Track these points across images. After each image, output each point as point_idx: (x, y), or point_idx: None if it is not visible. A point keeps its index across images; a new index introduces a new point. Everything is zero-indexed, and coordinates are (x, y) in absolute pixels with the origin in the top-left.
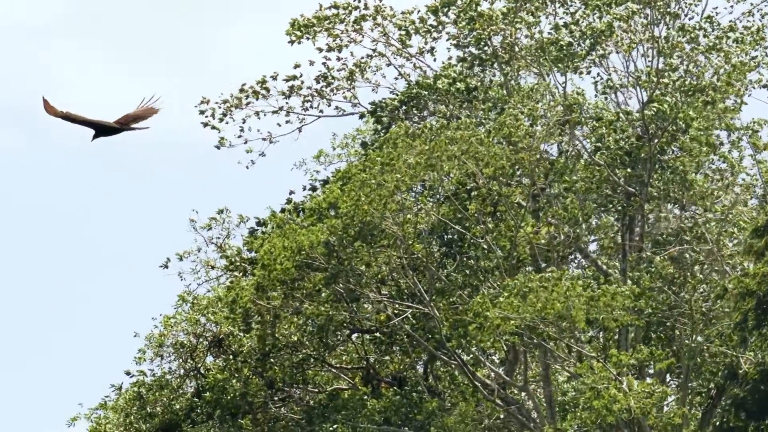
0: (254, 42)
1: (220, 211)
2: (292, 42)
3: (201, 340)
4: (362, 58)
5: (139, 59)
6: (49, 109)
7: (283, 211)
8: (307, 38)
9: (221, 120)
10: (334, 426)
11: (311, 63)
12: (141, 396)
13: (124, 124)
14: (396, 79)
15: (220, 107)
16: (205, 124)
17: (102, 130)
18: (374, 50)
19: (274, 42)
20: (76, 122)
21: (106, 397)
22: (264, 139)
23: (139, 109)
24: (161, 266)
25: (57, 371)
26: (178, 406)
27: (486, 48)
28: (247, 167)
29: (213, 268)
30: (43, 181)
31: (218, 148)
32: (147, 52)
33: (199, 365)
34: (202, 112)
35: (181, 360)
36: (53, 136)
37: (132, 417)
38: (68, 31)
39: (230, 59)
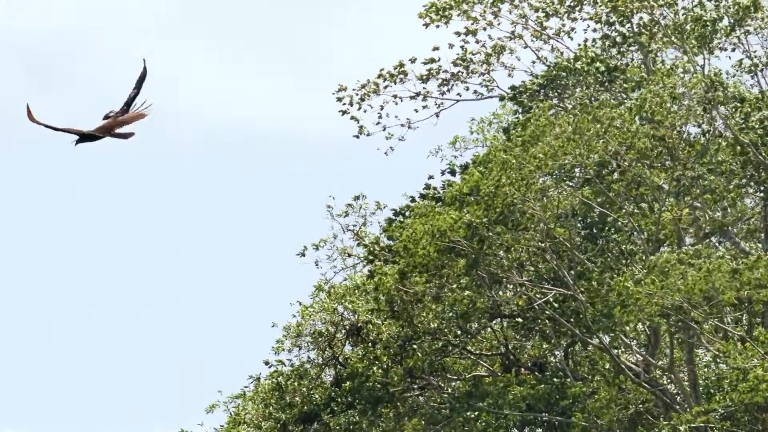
0: (380, 31)
1: (357, 198)
2: (426, 25)
3: (339, 328)
4: (500, 39)
5: (256, 59)
6: (30, 117)
7: (423, 197)
8: (443, 22)
9: (359, 107)
10: (477, 414)
11: (450, 46)
12: (280, 386)
13: (109, 130)
14: (533, 62)
15: (357, 93)
16: (344, 112)
17: (84, 136)
18: (512, 33)
19: (402, 29)
20: (58, 131)
21: (245, 387)
22: (402, 125)
23: (129, 114)
24: (298, 254)
25: (197, 360)
26: (317, 396)
27: (628, 26)
28: (386, 153)
29: (349, 255)
30: (169, 178)
31: (357, 137)
32: (263, 51)
33: (338, 354)
34: (339, 99)
35: (319, 349)
36: (181, 136)
37: (271, 407)
38: (179, 31)
39: (351, 52)
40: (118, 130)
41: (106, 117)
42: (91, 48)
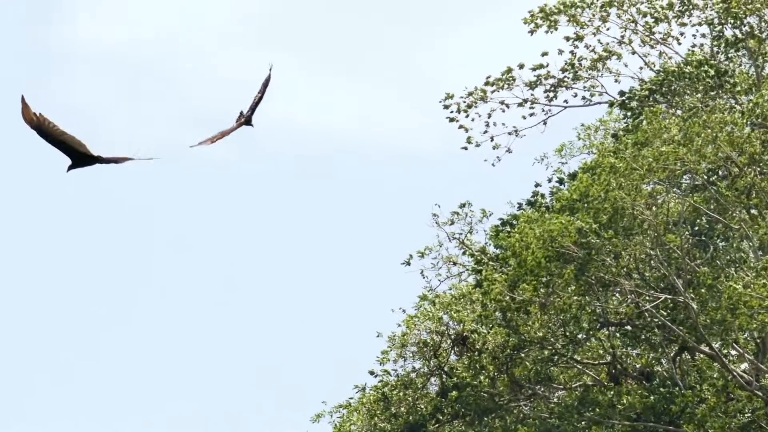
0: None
1: (462, 206)
2: (532, 32)
3: (444, 338)
4: (608, 44)
5: (347, 70)
6: (25, 113)
7: (530, 204)
8: (549, 28)
9: (466, 115)
10: (583, 423)
11: (560, 52)
12: (385, 396)
13: (98, 157)
14: (641, 68)
15: (464, 101)
16: (451, 119)
17: (76, 157)
18: (622, 37)
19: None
20: (49, 137)
21: (350, 398)
22: (510, 134)
23: (121, 155)
24: (403, 263)
25: (302, 369)
26: (422, 407)
27: (741, 27)
28: (493, 165)
29: (455, 264)
30: (266, 190)
31: (465, 149)
32: (354, 62)
33: (443, 364)
34: (446, 107)
35: (424, 359)
36: (267, 148)
37: (376, 418)
38: (270, 43)
39: (445, 63)
40: (109, 156)
41: (239, 118)
42: (180, 60)
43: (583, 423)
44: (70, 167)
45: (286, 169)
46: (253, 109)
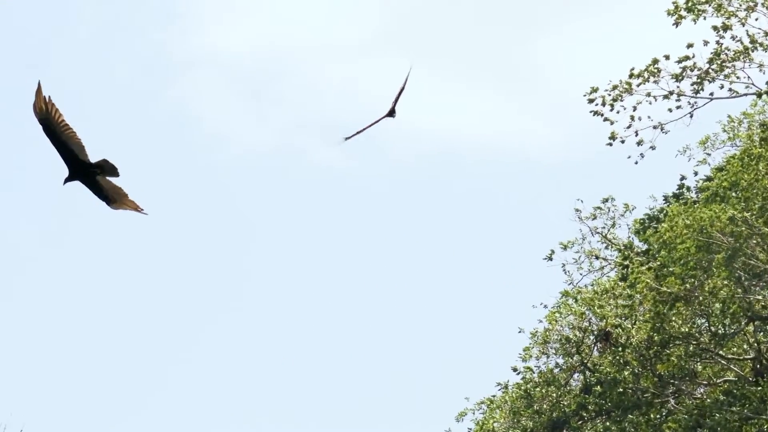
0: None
1: (605, 200)
2: (677, 24)
3: (587, 333)
4: (755, 35)
5: (466, 74)
6: (38, 100)
7: (676, 197)
8: (693, 18)
9: (611, 108)
10: (735, 418)
11: (705, 43)
12: (528, 393)
13: (99, 167)
14: None
15: (609, 94)
16: (595, 113)
17: (74, 164)
18: None
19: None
20: (54, 132)
21: (493, 396)
22: (655, 128)
23: (130, 202)
24: (545, 258)
25: (444, 366)
26: (565, 403)
27: None
28: (636, 162)
29: (597, 258)
30: (396, 194)
31: (610, 144)
32: (479, 70)
33: (587, 360)
34: (591, 101)
35: (567, 355)
36: (389, 154)
37: (519, 414)
38: (387, 49)
39: (564, 64)
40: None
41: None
42: (300, 67)
43: (735, 418)
44: (67, 179)
45: (411, 173)
46: (396, 101)
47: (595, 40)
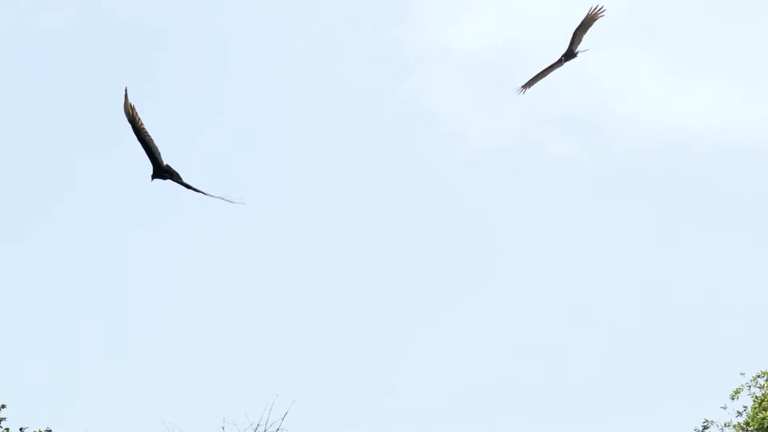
0: None
1: None
2: None
3: None
4: None
5: (698, 66)
6: (126, 105)
7: None
8: None
9: None
10: None
11: None
12: None
13: (174, 175)
14: None
15: None
16: None
17: (155, 165)
18: None
19: None
20: (139, 139)
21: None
22: None
23: (216, 195)
24: None
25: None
26: None
27: None
28: None
29: None
30: (615, 188)
31: None
32: (706, 59)
33: None
34: None
35: None
36: (610, 144)
37: None
38: (625, 38)
39: None
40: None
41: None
42: (534, 61)
43: None
44: (154, 176)
45: (639, 166)
46: (572, 43)
47: None
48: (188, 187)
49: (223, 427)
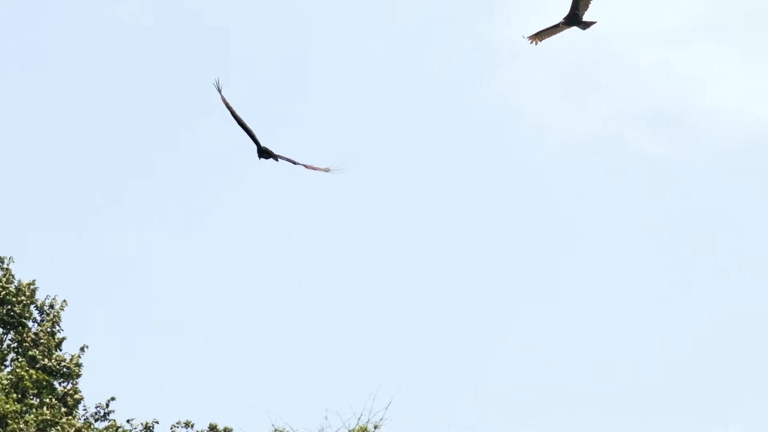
0: None
1: None
2: None
3: None
4: None
5: None
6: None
7: None
8: None
9: None
10: None
11: None
12: None
13: (266, 151)
14: None
15: None
16: None
17: (260, 149)
18: None
19: None
20: (238, 124)
21: None
22: None
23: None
24: None
25: None
26: None
27: None
28: None
29: None
30: (708, 182)
31: None
32: None
33: None
34: None
35: None
36: (700, 141)
37: None
38: (708, 33)
39: None
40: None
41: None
42: (619, 54)
43: None
44: (260, 156)
45: (723, 160)
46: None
47: None
48: (289, 160)
49: (326, 417)
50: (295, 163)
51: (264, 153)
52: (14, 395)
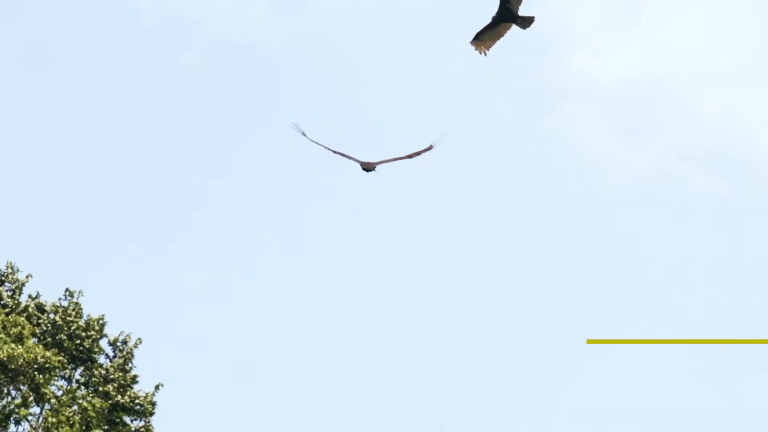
0: None
1: None
2: None
3: None
4: None
5: None
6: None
7: None
8: None
9: None
10: None
11: None
12: None
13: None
14: None
15: None
16: None
17: (363, 165)
18: None
19: None
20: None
21: None
22: None
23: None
24: None
25: None
26: None
27: None
28: None
29: None
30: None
31: None
32: None
33: None
34: None
35: None
36: (755, 179)
37: None
38: (760, 75)
39: None
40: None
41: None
42: (677, 95)
43: None
44: (365, 170)
45: None
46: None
47: None
48: (391, 161)
49: None
50: (399, 159)
51: (367, 167)
52: (78, 427)
